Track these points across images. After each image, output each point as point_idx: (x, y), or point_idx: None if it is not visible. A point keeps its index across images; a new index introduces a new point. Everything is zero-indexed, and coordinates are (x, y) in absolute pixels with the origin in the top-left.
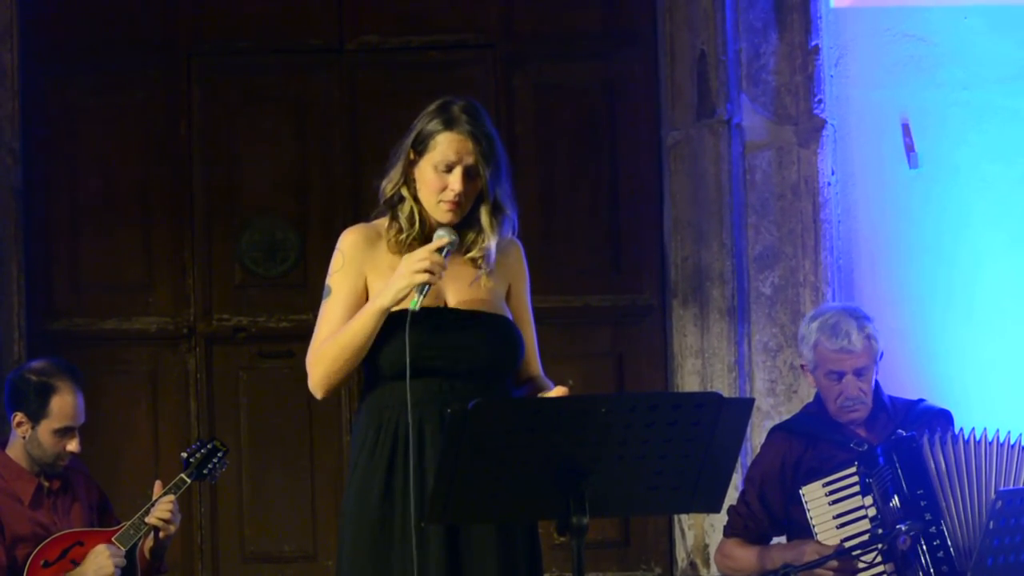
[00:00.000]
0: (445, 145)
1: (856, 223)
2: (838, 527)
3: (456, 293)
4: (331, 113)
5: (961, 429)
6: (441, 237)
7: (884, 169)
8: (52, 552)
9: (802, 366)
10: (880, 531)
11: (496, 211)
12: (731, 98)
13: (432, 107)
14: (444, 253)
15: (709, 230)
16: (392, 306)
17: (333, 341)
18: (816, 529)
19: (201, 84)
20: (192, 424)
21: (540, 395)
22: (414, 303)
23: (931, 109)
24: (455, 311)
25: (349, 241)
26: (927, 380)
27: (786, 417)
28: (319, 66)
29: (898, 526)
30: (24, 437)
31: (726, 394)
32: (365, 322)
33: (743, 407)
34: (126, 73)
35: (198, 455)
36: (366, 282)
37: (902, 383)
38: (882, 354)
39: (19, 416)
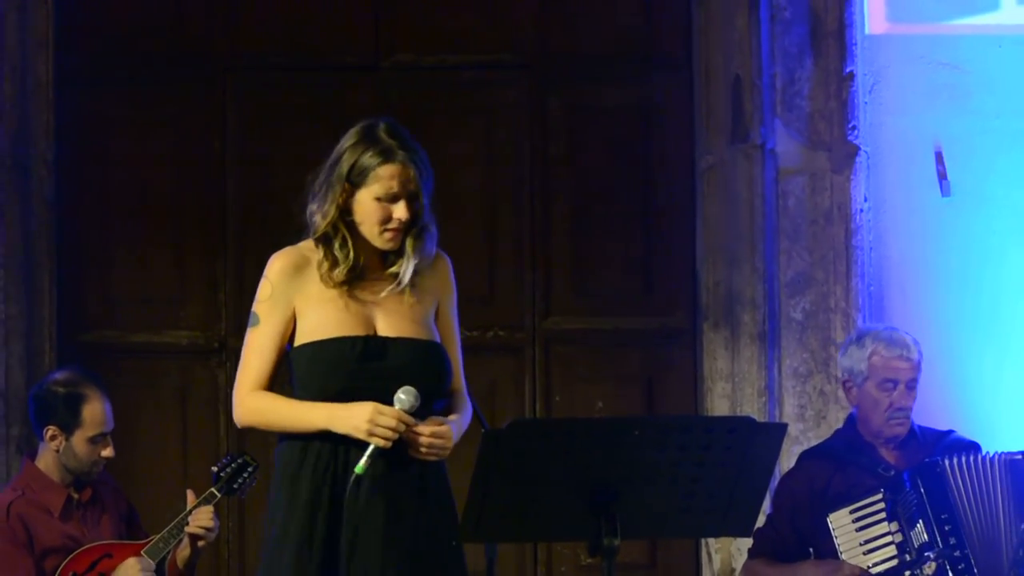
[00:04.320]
0: (387, 177)
1: (887, 250)
2: (865, 553)
3: (385, 319)
4: None
5: (985, 451)
6: (403, 401)
7: (916, 196)
8: (81, 564)
9: (844, 383)
10: (907, 557)
11: (421, 232)
12: (765, 123)
13: (356, 136)
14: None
15: (741, 254)
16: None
17: (270, 411)
18: (843, 556)
19: (236, 99)
20: (221, 438)
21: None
22: (361, 467)
23: (964, 137)
24: (384, 339)
25: (276, 269)
26: (957, 409)
27: (815, 442)
28: (354, 83)
29: (925, 553)
30: (58, 450)
31: (756, 419)
32: (303, 425)
33: (776, 432)
34: (161, 87)
35: (228, 469)
36: (294, 311)
37: (932, 412)
38: None
39: (52, 429)
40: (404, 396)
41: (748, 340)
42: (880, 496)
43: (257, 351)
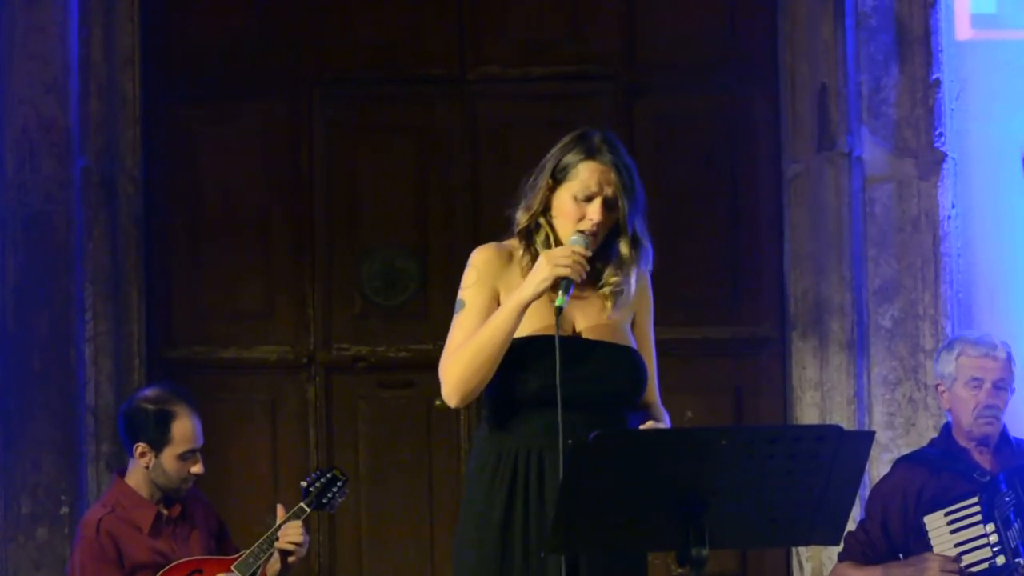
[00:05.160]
0: (586, 175)
1: (975, 257)
2: (959, 556)
3: (585, 322)
4: (452, 142)
5: None
6: (577, 243)
7: (1004, 203)
8: None
9: (937, 388)
10: (999, 560)
11: (635, 243)
12: (852, 131)
13: (570, 137)
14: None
15: (829, 263)
16: (533, 300)
17: (471, 342)
18: None
19: (323, 112)
20: (311, 453)
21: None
22: (560, 300)
23: None
24: (585, 340)
25: (482, 257)
26: None
27: (905, 450)
28: (440, 96)
29: (1017, 559)
30: (147, 466)
31: (845, 427)
32: (505, 318)
33: (863, 440)
34: (247, 101)
35: (318, 484)
36: (498, 298)
37: (1022, 422)
38: (1014, 390)
39: (141, 446)
40: (576, 237)
41: (837, 348)
42: (976, 500)
43: (463, 331)
